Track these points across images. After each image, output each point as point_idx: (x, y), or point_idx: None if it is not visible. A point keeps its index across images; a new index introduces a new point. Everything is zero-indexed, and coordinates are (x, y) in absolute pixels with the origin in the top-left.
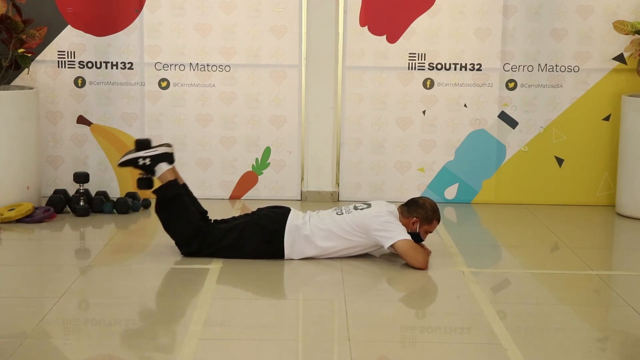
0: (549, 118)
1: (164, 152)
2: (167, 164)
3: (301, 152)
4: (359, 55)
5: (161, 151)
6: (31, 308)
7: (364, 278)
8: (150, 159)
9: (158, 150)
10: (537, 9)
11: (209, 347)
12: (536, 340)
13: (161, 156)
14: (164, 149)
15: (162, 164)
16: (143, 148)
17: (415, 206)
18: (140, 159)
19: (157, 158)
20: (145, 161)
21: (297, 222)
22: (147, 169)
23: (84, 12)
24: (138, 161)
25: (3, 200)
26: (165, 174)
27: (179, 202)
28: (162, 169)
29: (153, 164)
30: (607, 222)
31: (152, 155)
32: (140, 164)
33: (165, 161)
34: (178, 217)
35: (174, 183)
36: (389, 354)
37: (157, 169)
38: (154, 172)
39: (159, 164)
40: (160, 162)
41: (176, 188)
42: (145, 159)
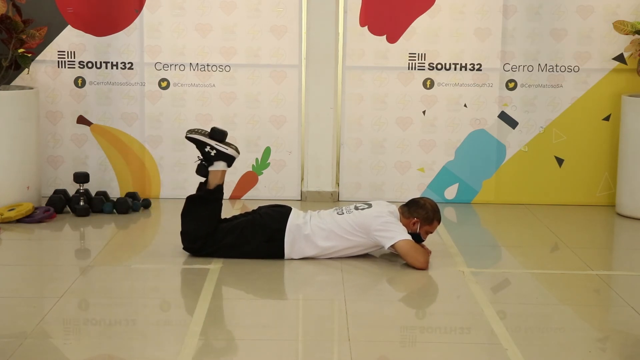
0: (549, 118)
1: (230, 155)
2: (226, 165)
3: (301, 152)
4: (359, 55)
5: (230, 152)
6: (31, 308)
7: (364, 278)
8: (217, 152)
9: (228, 150)
10: (537, 9)
11: (210, 347)
12: (536, 340)
13: (227, 156)
14: (233, 152)
15: (222, 163)
16: (217, 139)
17: (415, 206)
18: (209, 147)
19: (222, 155)
20: (212, 151)
21: (298, 222)
22: (206, 157)
23: (84, 12)
24: (206, 147)
25: (3, 200)
26: (218, 173)
27: (213, 206)
28: (219, 166)
29: (216, 158)
30: (607, 222)
31: (221, 151)
32: (206, 150)
33: (226, 162)
34: (201, 217)
35: (220, 188)
36: (389, 354)
37: (216, 163)
38: (211, 164)
39: (220, 160)
40: (223, 160)
41: (219, 193)
42: (213, 149)
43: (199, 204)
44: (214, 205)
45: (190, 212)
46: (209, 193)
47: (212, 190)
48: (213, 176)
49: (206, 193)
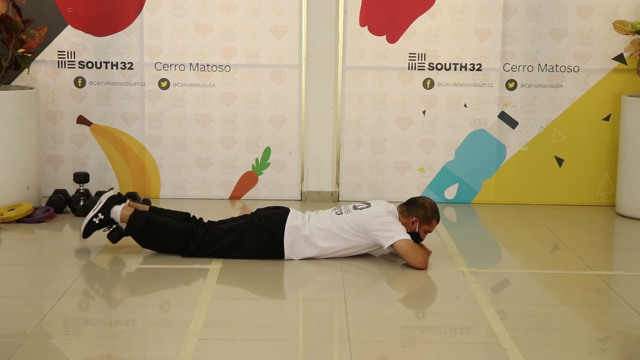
0: (549, 118)
1: (107, 199)
2: (118, 205)
3: (301, 152)
4: (359, 55)
5: (105, 199)
6: (31, 308)
7: (364, 278)
8: (100, 212)
9: (102, 201)
10: (537, 9)
11: (209, 347)
12: (536, 340)
13: (108, 203)
14: (106, 195)
15: (115, 208)
16: (90, 208)
17: (414, 206)
18: (93, 218)
19: (105, 207)
20: (98, 217)
21: (297, 223)
22: (106, 222)
23: (84, 12)
24: (94, 221)
25: (3, 200)
26: (123, 212)
27: (152, 224)
28: (117, 212)
29: (107, 214)
30: (607, 222)
31: (100, 208)
32: (97, 222)
33: (114, 204)
34: (162, 237)
35: (135, 215)
36: (389, 354)
37: (113, 215)
38: (114, 221)
39: (110, 210)
40: (111, 207)
41: (141, 216)
42: (97, 215)
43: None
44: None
45: (156, 246)
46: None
47: (133, 219)
48: (124, 218)
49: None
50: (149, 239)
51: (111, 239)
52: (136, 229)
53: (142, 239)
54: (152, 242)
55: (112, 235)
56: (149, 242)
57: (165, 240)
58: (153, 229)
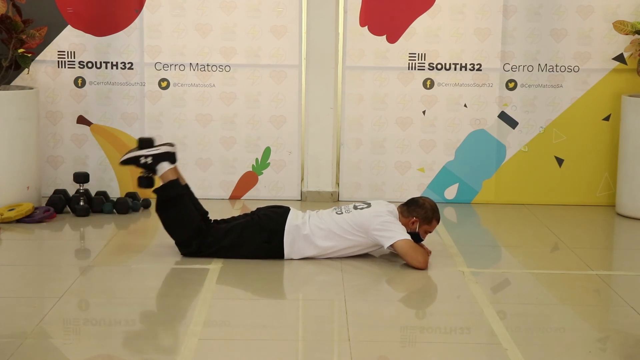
0: (549, 118)
1: (166, 151)
2: (169, 164)
3: (301, 152)
4: (359, 55)
5: (163, 150)
6: (31, 308)
7: (364, 278)
8: (152, 157)
9: (160, 150)
10: (537, 9)
11: (209, 347)
12: (536, 340)
13: (163, 155)
14: (166, 148)
15: (164, 163)
16: (145, 147)
17: (415, 206)
18: (142, 157)
19: (159, 157)
20: (147, 160)
21: (297, 222)
22: (148, 168)
23: (84, 12)
24: (140, 159)
25: (3, 200)
26: (167, 173)
27: (180, 202)
28: (163, 168)
29: (155, 163)
30: (607, 222)
31: (154, 154)
32: (142, 162)
33: (167, 160)
34: (178, 218)
35: (175, 183)
36: (389, 354)
37: (158, 167)
38: (155, 171)
39: (160, 162)
40: (162, 161)
41: (177, 188)
42: (147, 157)
43: (166, 208)
44: (182, 201)
45: (167, 221)
46: (165, 191)
47: (167, 186)
48: (165, 178)
49: (163, 193)
50: (167, 212)
51: (140, 182)
52: (165, 195)
53: (162, 207)
54: (166, 216)
55: (143, 180)
56: (165, 213)
57: (177, 224)
58: (177, 207)
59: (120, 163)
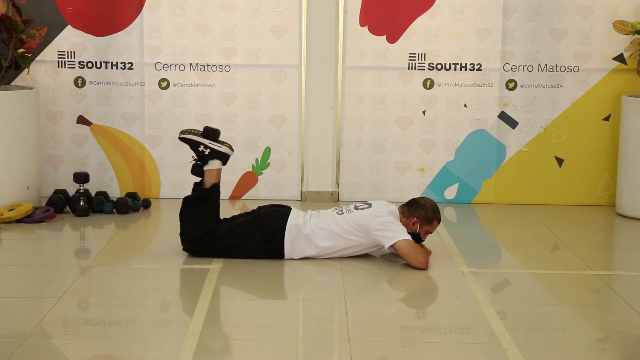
0: (549, 118)
1: (225, 152)
2: (221, 164)
3: (301, 152)
4: (359, 55)
5: (224, 150)
6: (31, 308)
7: (364, 278)
8: (210, 150)
9: (222, 148)
10: (537, 9)
11: (210, 347)
12: (536, 340)
13: (221, 154)
14: (227, 149)
15: (217, 161)
16: (210, 137)
17: (416, 206)
18: (202, 146)
19: (216, 154)
20: (205, 150)
21: (298, 222)
22: (201, 157)
23: (84, 12)
24: (199, 146)
25: (3, 200)
26: (214, 172)
27: (210, 206)
28: (214, 165)
29: (210, 157)
30: (607, 222)
31: (214, 150)
32: (200, 150)
33: (221, 160)
34: (199, 217)
35: (217, 187)
36: (389, 354)
37: (210, 162)
38: (206, 163)
39: (215, 159)
40: (217, 158)
41: (216, 193)
42: (207, 148)
43: (196, 204)
44: (212, 205)
45: (188, 213)
46: (205, 192)
47: (209, 189)
48: (209, 175)
49: (202, 192)
50: (193, 206)
51: (194, 169)
52: (206, 195)
53: (194, 201)
54: (190, 209)
55: (197, 167)
56: (192, 207)
57: (194, 220)
58: (205, 208)
59: (180, 137)
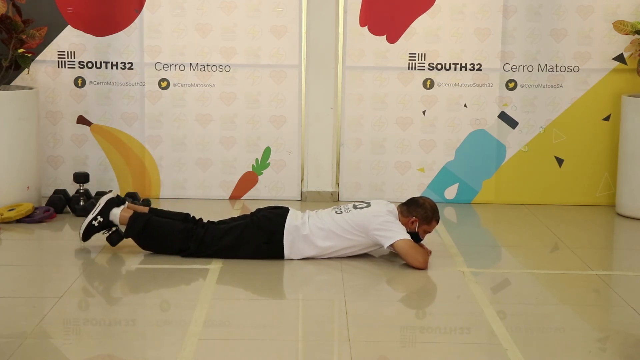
0: (549, 118)
1: (107, 201)
2: (117, 207)
3: (301, 152)
4: (359, 55)
5: (104, 202)
6: (31, 308)
7: (364, 278)
8: (99, 214)
9: (101, 204)
10: (537, 9)
11: (209, 347)
12: (536, 340)
13: (107, 206)
14: (104, 198)
15: (113, 210)
16: (90, 210)
17: (415, 206)
18: (93, 220)
19: (104, 210)
20: (98, 220)
21: (296, 222)
22: (106, 225)
23: (84, 12)
24: (93, 224)
25: (3, 200)
26: (123, 215)
27: (152, 226)
28: (116, 215)
29: (106, 217)
30: (607, 222)
31: (99, 211)
32: (96, 225)
33: (114, 206)
34: (160, 237)
35: (135, 217)
36: (389, 354)
37: (112, 218)
38: (113, 223)
39: (109, 212)
40: (110, 210)
41: (140, 218)
42: (96, 218)
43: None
44: (153, 223)
45: (154, 247)
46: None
47: (131, 224)
48: (123, 220)
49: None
50: (149, 241)
51: (110, 241)
52: (136, 231)
53: (142, 240)
54: (152, 243)
55: (111, 238)
56: (149, 243)
57: (164, 241)
58: (153, 231)
59: (82, 240)
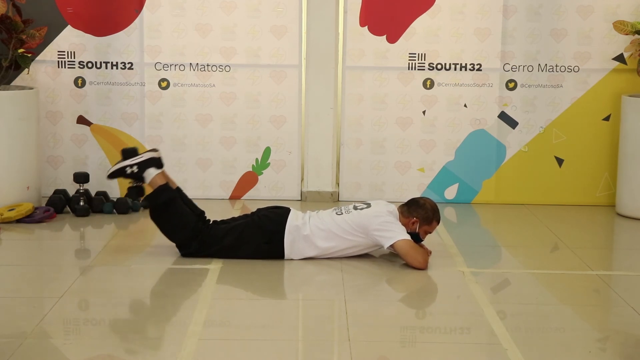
0: (549, 118)
1: (150, 158)
2: (156, 169)
3: (301, 152)
4: (359, 55)
5: (147, 157)
6: (31, 308)
7: (364, 278)
8: (137, 166)
9: (144, 157)
10: (537, 9)
11: (209, 347)
12: (536, 340)
13: (148, 162)
14: (149, 154)
15: (150, 170)
16: (129, 156)
17: (415, 206)
18: (128, 167)
19: (144, 164)
20: (132, 169)
21: (297, 223)
22: (136, 177)
23: (84, 12)
24: (126, 170)
25: (3, 200)
26: (155, 179)
27: (172, 206)
28: (150, 174)
29: (141, 171)
30: (607, 222)
31: (139, 162)
32: (128, 172)
33: (153, 166)
34: (173, 221)
35: (164, 187)
36: (389, 354)
37: (145, 175)
38: (143, 179)
39: (147, 169)
40: (148, 167)
41: (168, 192)
42: (133, 166)
43: (160, 213)
44: (175, 204)
45: (162, 225)
46: (156, 197)
47: (157, 191)
48: (153, 184)
49: (154, 199)
50: (161, 217)
51: (129, 193)
52: (156, 201)
53: (155, 213)
54: (161, 221)
55: (132, 191)
56: (160, 219)
57: (173, 227)
58: (170, 212)
59: (108, 177)
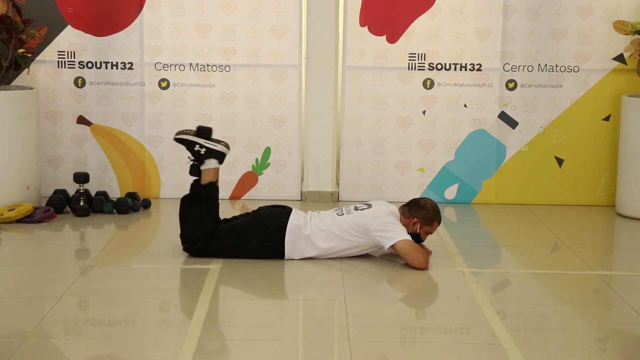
0: (549, 118)
1: (221, 151)
2: (217, 162)
3: (301, 152)
4: (359, 55)
5: (220, 149)
6: (31, 308)
7: (364, 278)
8: (206, 150)
9: (218, 147)
10: (537, 9)
11: (210, 347)
12: (536, 340)
13: (217, 153)
14: (223, 147)
15: (213, 160)
16: (203, 136)
17: (416, 207)
18: (198, 145)
19: (212, 153)
20: (200, 149)
21: (299, 222)
22: (197, 157)
23: (84, 12)
24: (195, 146)
25: (3, 200)
26: (210, 170)
27: (208, 205)
28: (210, 164)
29: (206, 156)
30: (607, 222)
31: (210, 149)
32: (195, 149)
33: (217, 159)
34: (198, 217)
35: (214, 185)
36: (389, 354)
37: (207, 161)
38: (202, 162)
39: (211, 158)
40: (213, 157)
41: (214, 191)
42: (203, 147)
43: (195, 204)
44: (210, 204)
45: (188, 214)
46: (202, 191)
47: (206, 187)
48: (206, 175)
49: (200, 191)
50: (192, 208)
51: (191, 170)
52: (202, 195)
53: (192, 202)
54: (190, 210)
55: (193, 168)
56: (190, 208)
57: (195, 221)
58: (203, 208)
59: (175, 138)
